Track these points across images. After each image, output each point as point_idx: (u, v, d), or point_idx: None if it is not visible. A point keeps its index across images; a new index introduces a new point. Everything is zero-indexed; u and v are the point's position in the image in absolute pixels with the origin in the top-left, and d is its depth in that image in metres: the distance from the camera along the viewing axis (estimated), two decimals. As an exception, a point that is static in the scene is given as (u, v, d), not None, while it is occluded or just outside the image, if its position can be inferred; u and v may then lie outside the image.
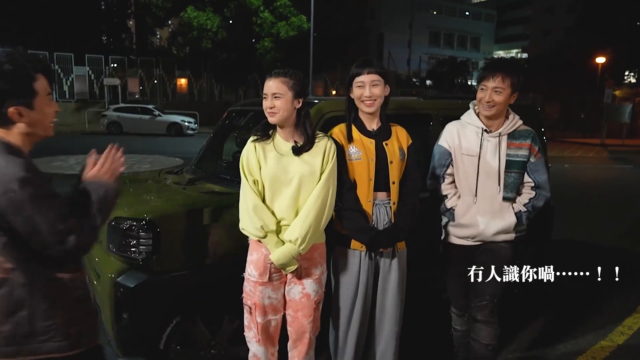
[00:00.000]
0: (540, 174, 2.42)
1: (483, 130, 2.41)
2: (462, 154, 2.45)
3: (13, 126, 1.50)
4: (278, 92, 2.05)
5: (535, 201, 2.42)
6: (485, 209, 2.42)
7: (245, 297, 2.18)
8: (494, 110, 2.35)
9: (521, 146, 2.40)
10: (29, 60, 1.50)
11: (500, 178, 2.39)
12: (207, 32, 23.99)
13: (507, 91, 2.32)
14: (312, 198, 2.08)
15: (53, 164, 10.98)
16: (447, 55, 45.41)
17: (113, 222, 2.49)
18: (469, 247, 2.49)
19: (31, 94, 1.49)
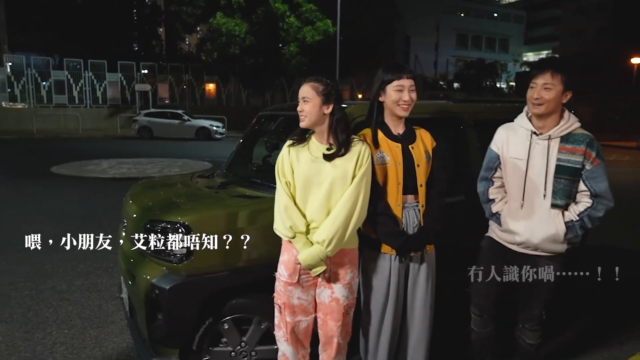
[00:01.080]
0: (599, 181, 2.22)
1: (532, 132, 2.30)
2: (510, 158, 2.37)
3: None
4: (306, 96, 2.12)
5: (593, 211, 2.22)
6: (532, 216, 2.30)
7: (276, 296, 2.22)
8: (542, 108, 2.22)
9: (574, 151, 2.22)
10: None
11: (548, 183, 2.25)
12: (235, 38, 24.34)
13: (557, 88, 2.19)
14: (342, 201, 2.10)
15: (87, 167, 11.31)
16: (475, 58, 44.79)
17: (148, 225, 2.56)
18: (512, 252, 2.41)
19: None
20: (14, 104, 24.70)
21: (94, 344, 3.20)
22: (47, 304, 3.81)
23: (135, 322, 2.69)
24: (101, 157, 13.11)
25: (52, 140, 18.93)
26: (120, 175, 10.18)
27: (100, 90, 26.12)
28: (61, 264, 4.69)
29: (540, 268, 2.35)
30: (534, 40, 61.66)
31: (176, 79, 28.05)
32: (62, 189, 8.67)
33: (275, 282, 2.23)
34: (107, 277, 4.38)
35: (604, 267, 4.37)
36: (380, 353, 2.38)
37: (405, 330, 2.43)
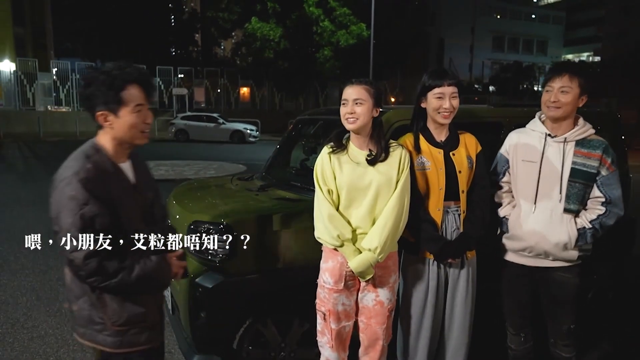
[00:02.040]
0: (613, 188, 2.20)
1: (546, 135, 2.27)
2: (522, 161, 2.33)
3: (103, 129, 1.68)
4: (360, 98, 2.06)
5: (605, 219, 2.20)
6: (544, 220, 2.25)
7: (319, 303, 2.22)
8: (560, 112, 2.19)
9: (590, 156, 2.20)
10: (124, 72, 1.63)
11: (563, 186, 2.21)
12: (269, 42, 24.69)
13: (574, 91, 2.16)
14: (390, 207, 2.10)
15: (127, 169, 11.68)
16: (512, 60, 43.81)
17: (192, 225, 2.65)
18: (527, 267, 2.36)
19: (117, 102, 1.62)
20: (58, 108, 25.80)
21: (137, 339, 3.30)
22: (92, 300, 3.96)
23: (178, 319, 2.78)
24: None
25: (93, 143, 19.62)
26: (158, 177, 10.46)
27: (139, 94, 26.97)
28: (105, 261, 4.87)
29: (556, 281, 2.31)
30: (574, 42, 59.77)
31: (212, 83, 28.65)
32: (104, 190, 8.97)
33: (318, 290, 2.22)
34: (148, 275, 4.52)
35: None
36: (419, 357, 2.37)
37: (444, 336, 2.41)
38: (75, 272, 1.58)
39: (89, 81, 1.62)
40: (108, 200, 1.57)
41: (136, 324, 1.68)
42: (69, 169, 1.58)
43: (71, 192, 1.52)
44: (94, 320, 1.65)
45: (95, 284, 1.57)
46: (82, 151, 1.65)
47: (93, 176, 1.56)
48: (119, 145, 1.69)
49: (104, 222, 1.55)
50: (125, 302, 1.65)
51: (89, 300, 1.63)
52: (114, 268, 1.55)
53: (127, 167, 1.75)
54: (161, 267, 1.69)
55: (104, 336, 1.65)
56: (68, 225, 1.51)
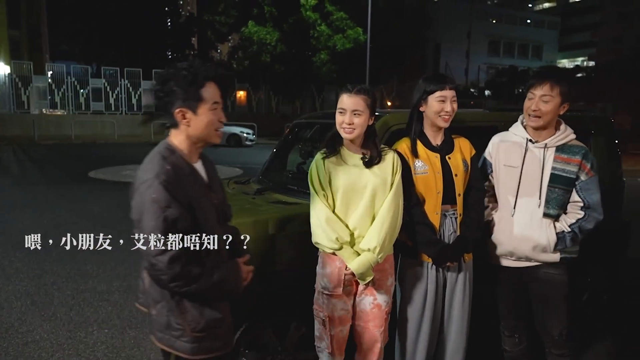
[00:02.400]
0: (592, 193, 2.21)
1: (527, 140, 2.28)
2: (503, 166, 2.35)
3: (179, 128, 1.65)
4: (358, 109, 2.08)
5: (584, 223, 2.21)
6: (523, 224, 2.27)
7: (318, 309, 2.21)
8: (540, 121, 2.20)
9: (570, 161, 2.21)
10: (205, 69, 1.62)
11: (542, 191, 2.23)
12: (266, 46, 24.74)
13: (555, 100, 2.16)
14: (385, 208, 2.12)
15: (123, 172, 11.67)
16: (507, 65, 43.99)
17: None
18: (514, 269, 2.36)
19: (197, 99, 1.60)
20: (54, 111, 25.72)
21: (132, 343, 3.30)
22: (87, 304, 3.96)
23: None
24: (137, 163, 13.22)
25: (89, 146, 19.62)
26: (154, 181, 10.44)
27: (135, 98, 26.92)
28: (100, 265, 4.86)
29: (542, 279, 2.30)
30: (569, 47, 60.16)
31: (208, 86, 28.64)
32: (100, 193, 8.97)
33: (316, 295, 2.22)
34: (144, 279, 4.51)
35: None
36: (418, 357, 2.38)
37: (442, 339, 2.42)
38: (157, 277, 1.55)
39: (166, 78, 1.61)
40: (188, 202, 1.56)
41: (213, 329, 1.67)
42: (148, 171, 1.57)
43: (153, 195, 1.51)
44: (172, 326, 1.63)
45: (176, 289, 1.55)
46: (157, 152, 1.64)
47: (173, 178, 1.55)
48: (193, 145, 1.67)
49: (186, 224, 1.54)
50: (204, 308, 1.64)
51: (168, 305, 1.62)
52: (196, 273, 1.54)
53: (200, 167, 1.74)
54: (235, 273, 1.68)
55: (182, 342, 1.63)
56: (151, 229, 1.50)
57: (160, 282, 1.55)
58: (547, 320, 2.34)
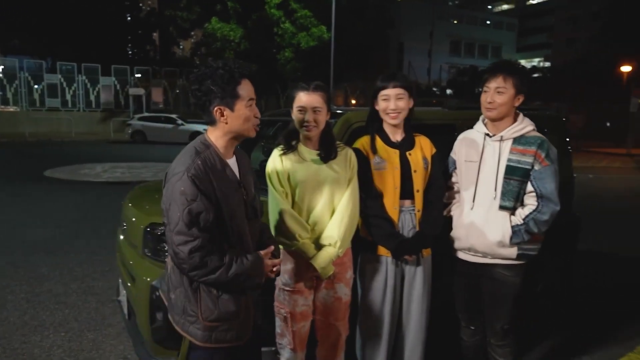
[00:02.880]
0: (546, 182, 2.19)
1: (485, 135, 2.33)
2: (465, 161, 2.40)
3: (217, 125, 1.71)
4: (319, 106, 2.10)
5: (538, 214, 2.19)
6: (481, 219, 2.30)
7: (279, 305, 2.23)
8: (495, 112, 2.24)
9: (525, 152, 2.22)
10: (238, 67, 1.68)
11: (498, 184, 2.25)
12: (230, 43, 24.44)
13: (509, 92, 2.20)
14: (344, 203, 2.17)
15: (80, 171, 11.29)
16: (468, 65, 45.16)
17: (148, 228, 2.60)
18: (471, 264, 2.40)
19: (234, 96, 1.67)
20: (6, 107, 24.59)
21: (91, 346, 3.21)
22: (43, 307, 3.82)
23: (134, 324, 2.72)
24: (95, 161, 13.08)
25: (44, 144, 18.86)
26: (114, 179, 10.17)
27: (93, 94, 26.06)
28: (57, 267, 4.70)
29: (496, 278, 2.33)
30: (526, 48, 62.33)
31: (170, 83, 28.04)
32: (57, 193, 8.65)
33: (277, 292, 2.23)
34: (103, 280, 4.39)
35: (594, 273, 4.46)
36: (379, 354, 2.42)
37: (402, 332, 2.48)
38: (179, 264, 1.63)
39: (203, 77, 1.66)
40: (214, 197, 1.63)
41: (226, 321, 1.72)
42: (181, 164, 1.65)
43: (181, 188, 1.59)
44: (187, 312, 1.72)
45: (195, 278, 1.64)
46: (193, 146, 1.72)
47: (202, 173, 1.62)
48: (229, 140, 1.73)
49: (209, 218, 1.61)
50: (219, 299, 1.70)
51: (184, 292, 1.71)
52: (215, 265, 1.61)
53: (233, 163, 1.79)
54: (256, 266, 1.71)
55: (194, 329, 1.71)
56: (177, 219, 1.58)
57: (182, 270, 1.65)
58: (492, 314, 2.41)
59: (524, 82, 2.23)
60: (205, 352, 1.74)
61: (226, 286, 1.68)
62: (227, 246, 1.69)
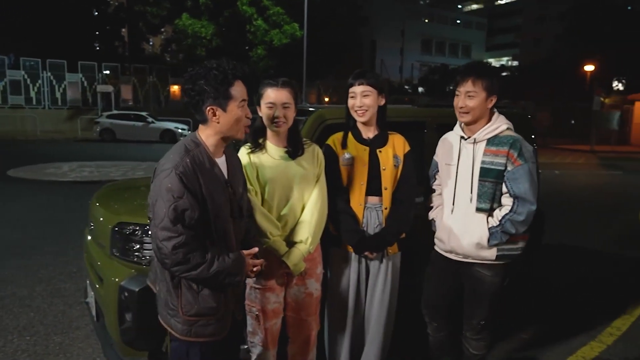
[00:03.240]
0: (519, 183, 2.17)
1: (461, 137, 2.35)
2: (445, 164, 2.42)
3: (208, 124, 1.73)
4: (287, 102, 2.11)
5: (514, 215, 2.17)
6: (459, 221, 2.31)
7: (250, 304, 2.22)
8: (468, 117, 2.24)
9: (498, 153, 2.21)
10: (232, 68, 1.70)
11: (474, 186, 2.25)
12: (201, 40, 24.08)
13: (480, 95, 2.19)
14: (313, 199, 2.19)
15: (46, 170, 10.95)
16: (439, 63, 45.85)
17: (116, 228, 2.55)
18: (453, 261, 2.41)
19: (227, 97, 1.69)
20: (-34, 105, 23.62)
21: (58, 350, 3.13)
22: (7, 310, 3.69)
23: (103, 326, 2.67)
24: (61, 160, 12.71)
25: (8, 143, 18.17)
26: (82, 179, 9.91)
27: (59, 91, 25.25)
28: (21, 269, 4.55)
29: (475, 276, 2.35)
30: (495, 47, 63.69)
31: (140, 80, 27.42)
32: (21, 193, 8.37)
33: (248, 291, 2.21)
34: (70, 282, 4.28)
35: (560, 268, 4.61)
36: (343, 346, 2.46)
37: (365, 327, 2.51)
38: (161, 259, 1.66)
39: (197, 77, 1.68)
40: (201, 195, 1.66)
41: (205, 316, 1.75)
42: (170, 161, 1.67)
43: (169, 184, 1.61)
44: (169, 305, 1.76)
45: (177, 273, 1.67)
46: (183, 143, 1.74)
47: (190, 170, 1.65)
48: (220, 140, 1.76)
49: (194, 215, 1.63)
50: (199, 295, 1.73)
51: (166, 286, 1.75)
52: (197, 261, 1.63)
53: (222, 162, 1.81)
54: (238, 264, 1.74)
55: (175, 322, 1.76)
56: (162, 215, 1.60)
57: (164, 265, 1.67)
58: (471, 310, 2.44)
59: (494, 83, 2.22)
60: (184, 345, 1.79)
61: (207, 282, 1.71)
62: (210, 243, 1.71)
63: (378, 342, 2.48)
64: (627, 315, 3.86)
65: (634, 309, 3.98)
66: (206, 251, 1.66)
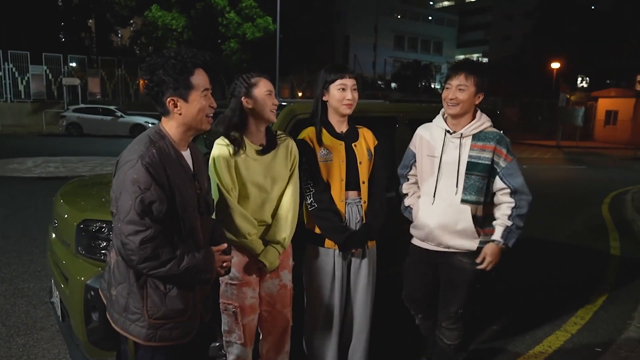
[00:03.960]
0: (515, 177, 2.31)
1: (446, 131, 2.39)
2: (426, 156, 2.45)
3: (170, 115, 1.65)
4: (271, 89, 2.15)
5: (519, 209, 2.30)
6: (441, 212, 2.36)
7: (226, 301, 2.18)
8: (457, 108, 2.30)
9: (485, 148, 2.31)
10: (192, 56, 1.62)
11: (460, 180, 2.33)
12: (172, 32, 23.61)
13: (470, 89, 2.28)
14: (289, 198, 2.19)
15: (9, 166, 10.56)
16: (411, 59, 46.28)
17: (82, 225, 2.47)
18: (431, 252, 2.46)
19: (187, 86, 1.61)
20: None
21: (21, 352, 3.02)
22: (-34, 312, 3.55)
23: (68, 326, 2.59)
24: (25, 155, 12.27)
25: (-33, 137, 17.44)
26: (47, 175, 9.58)
27: (22, 84, 24.32)
28: (-18, 269, 4.38)
29: (455, 265, 2.41)
30: (466, 44, 64.69)
31: (108, 73, 26.68)
32: (-19, 190, 8.04)
33: (223, 288, 2.18)
34: (34, 281, 4.14)
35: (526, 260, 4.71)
36: (329, 344, 2.45)
37: (347, 323, 2.52)
38: (127, 257, 1.55)
39: (155, 67, 1.61)
40: (168, 187, 1.58)
41: (173, 319, 1.66)
42: (134, 152, 1.58)
43: (134, 175, 1.53)
44: (130, 309, 1.64)
45: (145, 271, 1.57)
46: (147, 135, 1.65)
47: (157, 161, 1.57)
48: (184, 132, 1.68)
49: (162, 209, 1.55)
50: (166, 296, 1.64)
51: (129, 288, 1.63)
52: (166, 257, 1.55)
53: (187, 155, 1.74)
54: (208, 261, 1.66)
55: (137, 326, 1.64)
56: (128, 208, 1.51)
57: (131, 263, 1.57)
58: (448, 299, 2.48)
59: (484, 81, 2.32)
60: (147, 351, 1.69)
61: (176, 280, 1.63)
62: (179, 240, 1.63)
63: (365, 333, 2.51)
64: (590, 305, 3.99)
65: (597, 299, 4.12)
66: (175, 247, 1.59)
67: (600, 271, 4.90)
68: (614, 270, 4.95)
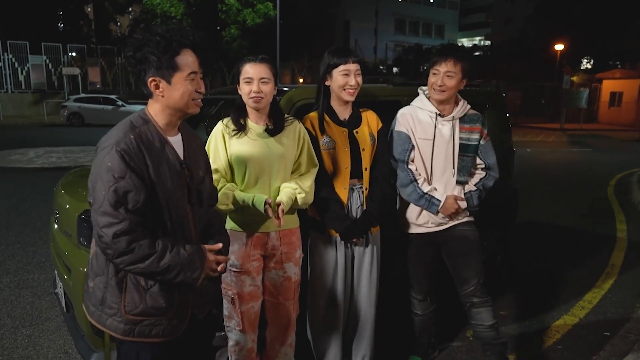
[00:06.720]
0: (490, 155, 2.49)
1: (437, 114, 2.41)
2: (419, 139, 2.43)
3: (154, 97, 1.53)
4: (266, 77, 2.04)
5: (486, 181, 2.47)
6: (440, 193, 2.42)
7: (226, 287, 2.17)
8: (445, 94, 2.34)
9: (473, 130, 2.43)
10: (180, 35, 1.49)
11: (455, 161, 2.41)
12: (171, 20, 23.41)
13: (458, 76, 2.33)
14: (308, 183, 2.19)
15: (11, 157, 10.53)
16: (413, 43, 45.77)
17: (83, 216, 2.44)
18: (431, 233, 2.49)
19: (172, 67, 1.48)
20: None
21: (27, 343, 3.02)
22: (-29, 304, 3.55)
23: (73, 317, 2.57)
24: (27, 146, 12.25)
25: (-31, 129, 17.43)
26: (49, 165, 9.55)
27: (22, 74, 24.21)
28: (-14, 261, 4.37)
29: (458, 235, 2.48)
30: (468, 27, 63.93)
31: (108, 62, 26.51)
32: (-16, 181, 8.04)
33: (224, 274, 2.14)
34: (39, 272, 4.13)
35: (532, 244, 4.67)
36: (333, 332, 2.42)
37: (352, 310, 2.49)
38: (103, 249, 1.45)
39: (140, 43, 1.48)
40: (147, 176, 1.46)
41: (152, 317, 1.54)
42: (111, 137, 1.47)
43: (108, 163, 1.41)
44: (107, 303, 1.53)
45: (122, 266, 1.45)
46: (129, 119, 1.53)
47: (134, 148, 1.44)
48: (170, 116, 1.55)
49: (139, 199, 1.43)
50: (147, 292, 1.51)
51: (106, 281, 1.52)
52: (144, 252, 1.42)
53: (177, 141, 1.60)
54: (195, 259, 1.51)
55: (114, 321, 1.53)
56: (102, 198, 1.40)
57: (108, 257, 1.46)
58: (465, 272, 2.47)
59: (470, 67, 2.38)
60: (131, 347, 1.57)
61: (157, 277, 1.49)
62: (164, 233, 1.52)
63: (371, 322, 2.48)
64: (597, 289, 3.96)
65: (604, 282, 4.09)
66: (156, 241, 1.45)
67: (607, 254, 4.87)
68: (621, 253, 4.91)
